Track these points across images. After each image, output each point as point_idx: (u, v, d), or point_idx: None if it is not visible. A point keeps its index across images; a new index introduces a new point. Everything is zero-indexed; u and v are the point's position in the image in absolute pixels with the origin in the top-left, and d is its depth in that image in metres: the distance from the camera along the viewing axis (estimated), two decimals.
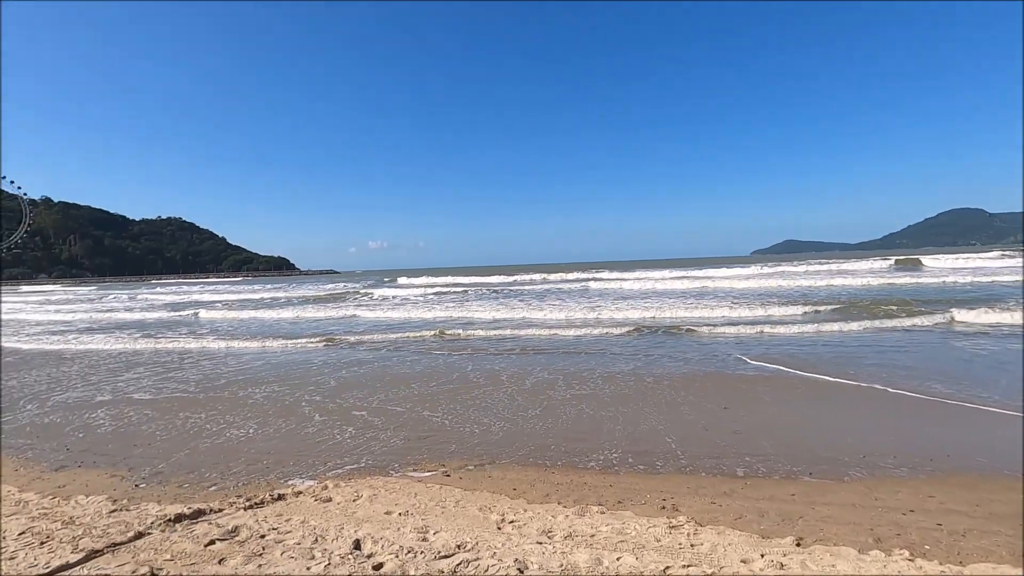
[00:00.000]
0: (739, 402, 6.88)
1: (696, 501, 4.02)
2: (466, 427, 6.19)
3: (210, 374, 9.90)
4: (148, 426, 6.58)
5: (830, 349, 10.21)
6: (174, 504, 4.08)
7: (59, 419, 6.98)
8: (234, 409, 7.26)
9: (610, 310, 17.41)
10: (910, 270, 32.10)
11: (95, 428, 6.54)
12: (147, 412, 7.25)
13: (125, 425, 6.66)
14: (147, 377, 9.77)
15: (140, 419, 6.92)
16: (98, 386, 9.05)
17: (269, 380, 9.16)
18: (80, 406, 7.68)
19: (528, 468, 4.88)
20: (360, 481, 4.57)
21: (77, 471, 5.02)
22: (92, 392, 8.59)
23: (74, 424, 6.73)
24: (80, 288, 71.86)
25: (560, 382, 8.30)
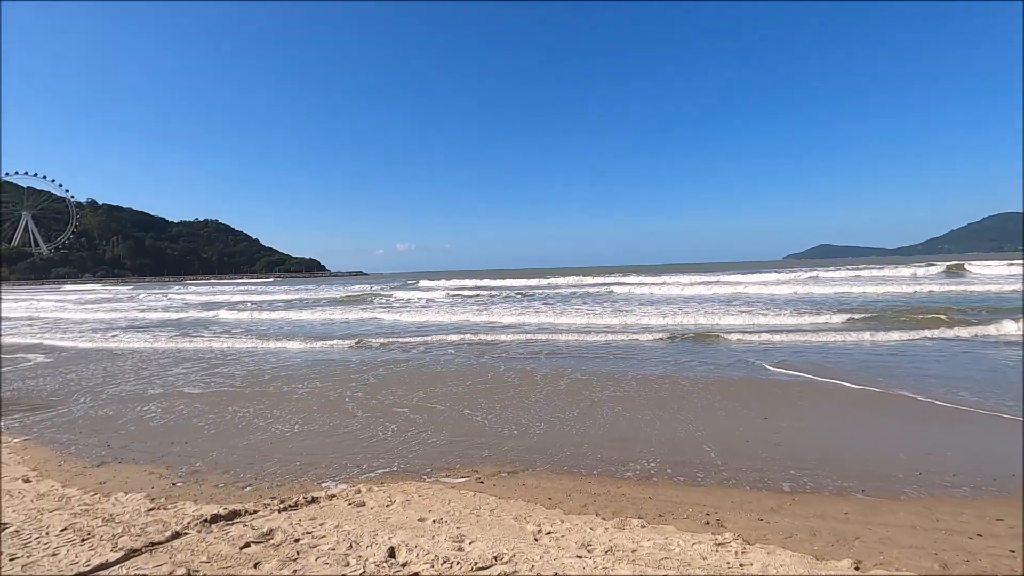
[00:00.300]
0: (778, 411, 6.62)
1: (742, 517, 3.83)
2: (503, 427, 6.14)
3: (253, 370, 10.06)
4: (198, 419, 6.82)
5: (870, 359, 9.79)
6: (210, 504, 4.09)
7: (109, 412, 7.16)
8: (280, 404, 7.44)
9: (637, 315, 17.12)
10: (954, 276, 30.80)
11: (144, 421, 6.69)
12: (196, 405, 7.55)
13: (175, 418, 6.82)
14: (194, 372, 10.00)
15: (190, 412, 7.18)
16: (149, 381, 9.30)
17: (310, 376, 9.29)
18: (132, 399, 7.90)
19: (563, 476, 4.75)
20: (393, 486, 4.52)
21: (118, 467, 5.11)
22: (143, 386, 8.82)
23: (126, 417, 6.90)
24: (120, 287, 74.51)
25: (594, 383, 8.15)
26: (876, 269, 38.86)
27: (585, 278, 44.19)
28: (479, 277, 58.86)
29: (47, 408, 7.60)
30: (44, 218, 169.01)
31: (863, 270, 38.03)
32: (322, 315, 22.64)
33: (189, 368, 10.72)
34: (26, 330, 19.27)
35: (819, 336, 12.14)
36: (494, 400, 7.52)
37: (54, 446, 5.84)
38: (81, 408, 7.58)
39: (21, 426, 6.68)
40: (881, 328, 12.76)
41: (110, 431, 6.39)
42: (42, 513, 3.87)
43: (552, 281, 43.23)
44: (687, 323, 15.40)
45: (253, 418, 6.85)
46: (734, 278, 34.21)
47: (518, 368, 9.82)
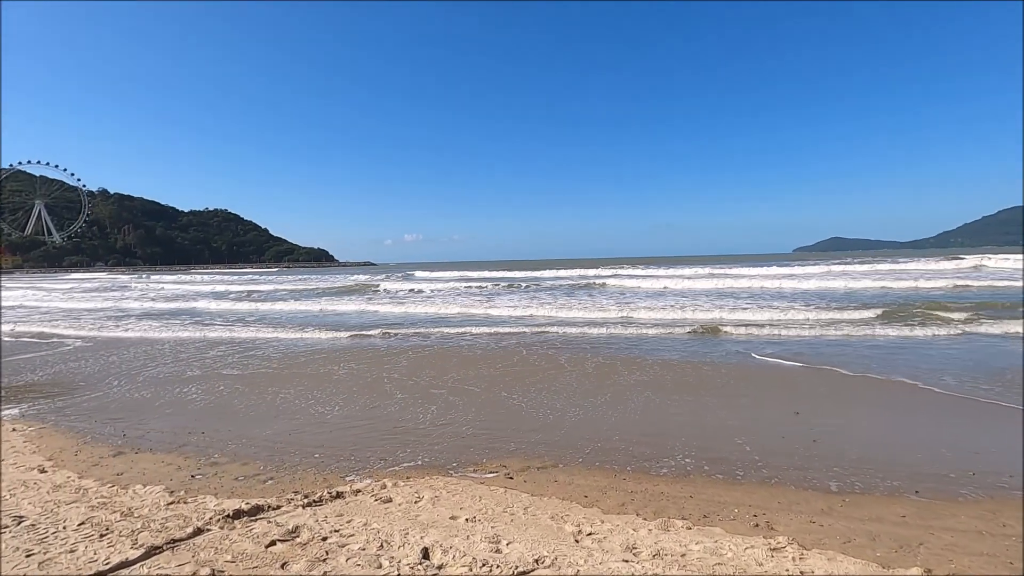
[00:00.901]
0: (806, 405, 6.40)
1: (792, 519, 3.61)
2: (525, 419, 5.92)
3: (270, 362, 9.93)
4: (238, 401, 6.59)
5: (895, 353, 9.50)
6: (231, 498, 3.93)
7: (136, 396, 7.05)
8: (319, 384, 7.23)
9: (643, 309, 16.67)
10: (972, 271, 30.14)
11: (157, 408, 6.56)
12: (232, 390, 7.30)
13: (190, 408, 6.67)
14: (230, 355, 9.88)
15: (230, 393, 6.96)
16: (182, 368, 9.19)
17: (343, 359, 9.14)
18: (170, 381, 7.76)
19: (595, 472, 4.55)
20: (419, 480, 4.33)
21: (135, 457, 4.97)
22: (173, 371, 8.71)
23: (142, 406, 6.77)
24: (122, 276, 74.79)
25: (619, 367, 7.92)
26: (899, 262, 38.14)
27: (596, 270, 43.64)
28: (485, 268, 58.34)
29: (63, 395, 7.50)
30: (57, 207, 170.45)
31: (883, 263, 37.29)
32: (341, 306, 22.52)
33: (222, 353, 10.61)
34: (33, 319, 19.30)
35: (842, 330, 11.84)
36: (509, 392, 7.32)
37: (71, 434, 5.71)
38: (96, 396, 7.47)
39: (37, 413, 6.58)
40: (909, 323, 12.42)
41: (130, 417, 6.27)
42: (59, 506, 3.72)
43: (561, 272, 42.63)
44: (695, 317, 15.10)
45: (291, 400, 6.71)
46: (748, 271, 33.71)
47: (542, 353, 9.62)
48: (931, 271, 30.00)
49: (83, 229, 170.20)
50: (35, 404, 7.03)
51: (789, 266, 39.21)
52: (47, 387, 8.10)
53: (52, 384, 8.30)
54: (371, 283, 35.80)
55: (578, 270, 45.25)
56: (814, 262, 46.04)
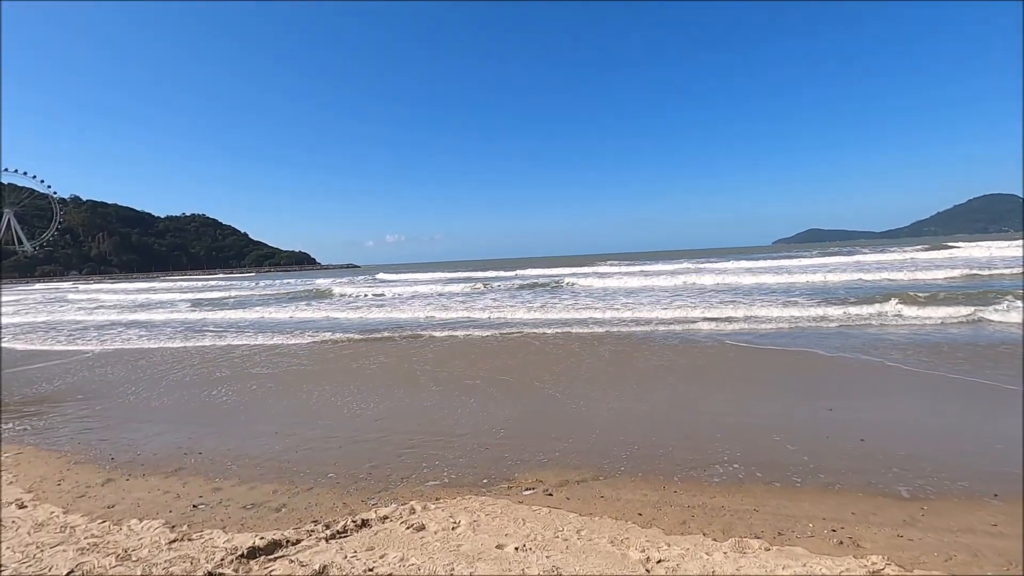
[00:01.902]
0: (836, 399, 6.15)
1: (875, 533, 3.26)
2: (551, 423, 5.51)
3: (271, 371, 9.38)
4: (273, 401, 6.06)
5: (911, 340, 9.31)
6: (243, 532, 3.46)
7: (112, 415, 6.49)
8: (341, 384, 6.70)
9: (628, 309, 16.31)
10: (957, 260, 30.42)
11: (146, 422, 6.02)
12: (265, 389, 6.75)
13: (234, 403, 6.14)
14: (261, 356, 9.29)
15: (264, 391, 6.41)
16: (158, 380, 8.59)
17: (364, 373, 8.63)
18: (153, 395, 7.19)
19: (641, 484, 4.16)
20: (451, 502, 3.91)
21: (126, 485, 4.46)
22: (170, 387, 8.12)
23: (131, 416, 6.22)
24: (103, 284, 72.74)
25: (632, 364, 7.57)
26: (884, 252, 38.46)
27: (574, 268, 42.85)
28: (472, 268, 57.56)
29: (36, 415, 6.91)
30: (27, 215, 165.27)
31: (868, 254, 37.64)
32: (321, 313, 21.88)
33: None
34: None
35: (843, 323, 11.66)
36: (513, 402, 6.92)
37: (52, 459, 5.16)
38: (75, 413, 6.89)
39: (12, 435, 5.99)
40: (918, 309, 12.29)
41: (116, 437, 5.72)
42: (42, 550, 3.22)
43: (547, 271, 41.76)
44: (692, 315, 14.85)
45: (290, 411, 6.21)
46: (735, 264, 33.72)
47: (552, 352, 9.23)
48: (922, 261, 30.26)
49: (55, 237, 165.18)
50: (7, 425, 6.44)
51: (776, 258, 39.35)
52: (19, 405, 7.48)
53: (24, 402, 7.68)
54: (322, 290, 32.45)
55: (549, 268, 44.66)
56: (797, 254, 46.29)
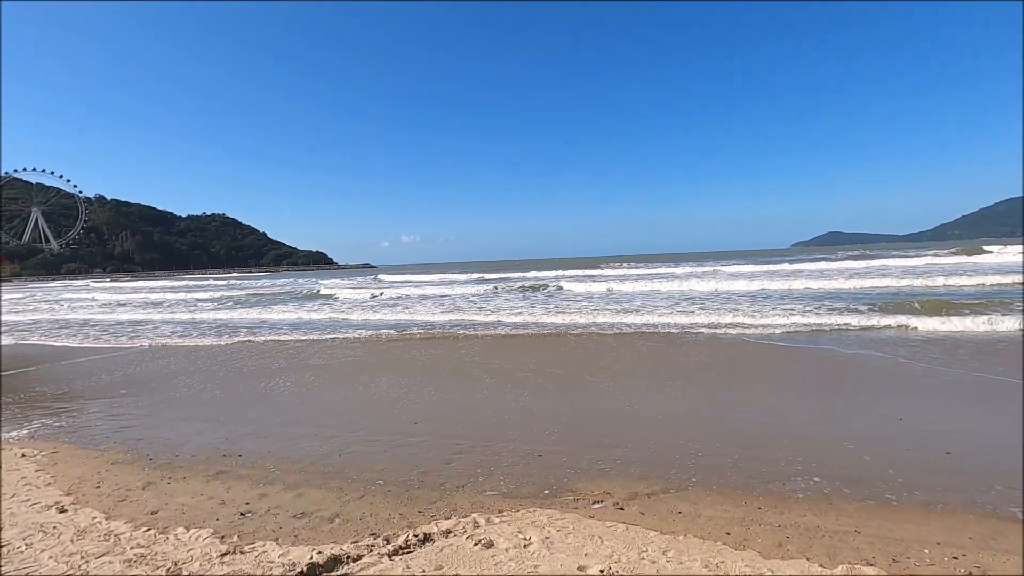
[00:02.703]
0: (898, 407, 5.77)
1: (1004, 563, 2.90)
2: (603, 420, 5.19)
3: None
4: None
5: (965, 346, 8.81)
6: (297, 545, 3.21)
7: (142, 413, 6.32)
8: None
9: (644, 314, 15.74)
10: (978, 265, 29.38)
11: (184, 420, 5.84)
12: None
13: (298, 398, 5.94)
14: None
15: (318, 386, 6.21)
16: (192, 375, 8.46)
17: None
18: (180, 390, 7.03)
19: (719, 498, 3.83)
20: (515, 515, 3.61)
21: (167, 488, 4.24)
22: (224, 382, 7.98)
23: (176, 412, 6.05)
24: (136, 283, 73.92)
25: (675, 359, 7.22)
26: (912, 256, 37.32)
27: (583, 270, 42.13)
28: (485, 269, 56.91)
29: (71, 411, 6.78)
30: (54, 214, 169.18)
31: (897, 258, 36.53)
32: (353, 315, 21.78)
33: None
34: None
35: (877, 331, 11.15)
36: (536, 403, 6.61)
37: (88, 459, 4.98)
38: (108, 407, 6.75)
39: (47, 432, 5.85)
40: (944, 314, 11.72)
41: (151, 436, 5.54)
42: (87, 560, 3.00)
43: (557, 272, 40.94)
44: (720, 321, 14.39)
45: (323, 411, 5.97)
46: (764, 267, 32.98)
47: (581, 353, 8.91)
48: (950, 266, 29.24)
49: (81, 236, 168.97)
50: (42, 421, 6.31)
51: (798, 262, 38.41)
52: (53, 401, 7.37)
53: (58, 398, 7.57)
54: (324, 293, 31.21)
55: (574, 271, 44.21)
56: (815, 258, 45.21)
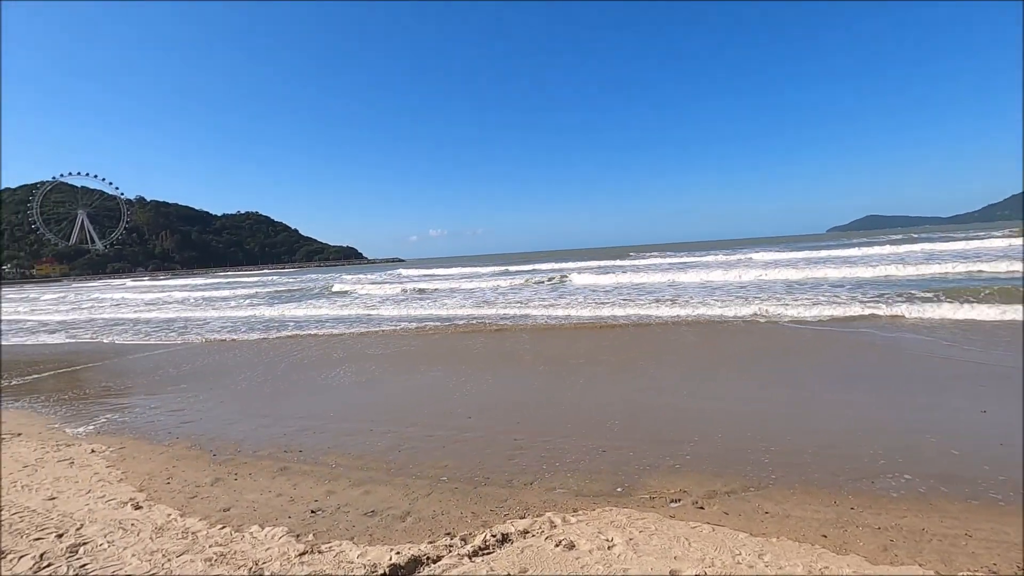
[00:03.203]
0: (977, 398, 5.37)
1: None
2: (657, 412, 5.01)
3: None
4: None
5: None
6: (374, 544, 3.14)
7: (199, 407, 6.43)
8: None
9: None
10: None
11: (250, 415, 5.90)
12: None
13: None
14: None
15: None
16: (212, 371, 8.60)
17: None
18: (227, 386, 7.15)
19: (803, 495, 3.62)
20: (590, 514, 3.48)
21: (235, 484, 4.25)
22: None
23: (229, 406, 6.13)
24: (174, 280, 76.46)
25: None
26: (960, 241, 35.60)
27: (618, 260, 41.85)
28: (515, 261, 56.74)
29: (130, 407, 6.94)
30: (98, 216, 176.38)
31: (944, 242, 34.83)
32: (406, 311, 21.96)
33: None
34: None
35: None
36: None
37: (155, 455, 5.05)
38: (164, 406, 6.88)
39: (111, 428, 5.98)
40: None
41: (212, 431, 5.61)
42: (169, 559, 2.99)
43: (588, 263, 40.66)
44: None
45: (373, 405, 5.96)
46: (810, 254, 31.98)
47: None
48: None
49: (123, 236, 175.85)
50: (107, 417, 6.46)
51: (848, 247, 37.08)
52: (117, 396, 7.56)
53: (120, 393, 7.77)
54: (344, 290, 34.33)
55: (611, 260, 43.83)
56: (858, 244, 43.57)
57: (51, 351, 13.22)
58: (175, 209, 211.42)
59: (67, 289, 58.15)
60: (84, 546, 3.17)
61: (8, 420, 6.58)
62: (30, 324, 20.63)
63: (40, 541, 3.25)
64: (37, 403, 7.43)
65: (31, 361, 11.51)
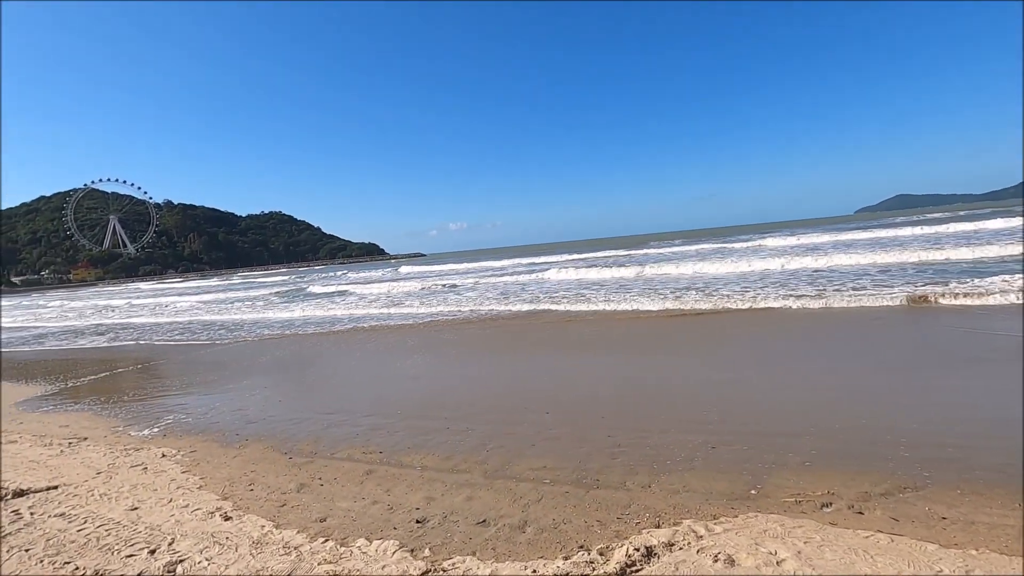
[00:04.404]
0: None
1: None
2: (744, 399, 4.56)
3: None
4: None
5: None
6: (503, 562, 2.78)
7: (258, 402, 6.19)
8: None
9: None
10: None
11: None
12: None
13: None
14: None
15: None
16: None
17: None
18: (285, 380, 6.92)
19: (974, 496, 3.14)
20: (734, 521, 3.06)
21: (321, 491, 3.94)
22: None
23: (292, 401, 5.88)
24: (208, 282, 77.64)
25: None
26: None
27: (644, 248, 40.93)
28: (535, 253, 56.04)
29: (191, 406, 6.74)
30: (129, 220, 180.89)
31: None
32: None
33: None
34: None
35: None
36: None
37: (229, 458, 4.80)
38: (223, 402, 6.67)
39: (175, 430, 5.77)
40: None
41: (282, 430, 5.34)
42: None
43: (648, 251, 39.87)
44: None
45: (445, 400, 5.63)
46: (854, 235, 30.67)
47: None
48: None
49: (153, 239, 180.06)
50: (173, 416, 6.27)
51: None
52: (176, 397, 7.40)
53: (178, 393, 7.61)
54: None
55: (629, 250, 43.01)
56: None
57: (105, 353, 13.28)
58: (201, 211, 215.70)
59: (133, 293, 57.98)
60: (181, 563, 2.89)
61: (71, 423, 6.45)
62: (57, 329, 21.00)
63: (133, 558, 2.98)
64: (96, 405, 7.30)
65: (79, 362, 11.54)
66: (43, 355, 13.67)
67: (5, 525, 3.50)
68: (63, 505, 3.83)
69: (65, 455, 5.13)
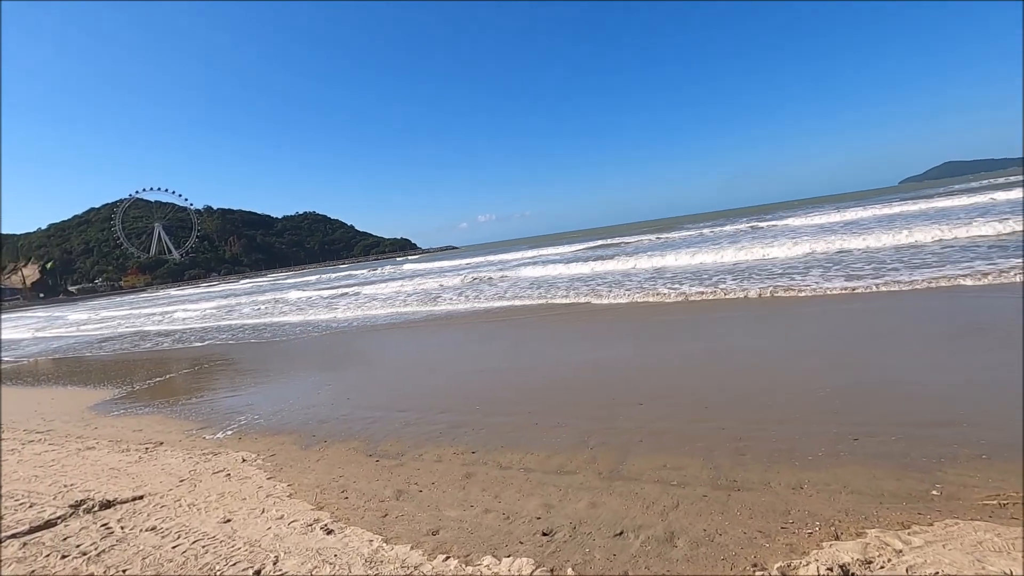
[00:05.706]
0: None
1: None
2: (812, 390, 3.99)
3: None
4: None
5: None
6: None
7: (324, 402, 5.94)
8: None
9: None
10: None
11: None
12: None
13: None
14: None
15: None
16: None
17: None
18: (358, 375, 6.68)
19: None
20: (933, 529, 2.55)
21: (421, 498, 3.60)
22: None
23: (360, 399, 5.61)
24: (245, 282, 79.86)
25: None
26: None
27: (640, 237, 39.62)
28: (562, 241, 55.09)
29: (256, 407, 6.56)
30: (172, 227, 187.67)
31: None
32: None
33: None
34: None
35: None
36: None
37: (311, 462, 4.53)
38: (295, 403, 6.45)
39: (249, 431, 5.57)
40: None
41: (356, 431, 5.06)
42: None
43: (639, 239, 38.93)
44: None
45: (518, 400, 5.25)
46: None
47: None
48: None
49: (196, 244, 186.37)
50: (245, 417, 6.09)
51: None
52: (244, 396, 7.25)
53: (245, 393, 7.47)
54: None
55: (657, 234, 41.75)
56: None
57: (191, 352, 13.47)
58: (240, 215, 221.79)
59: (151, 302, 60.68)
60: None
61: (144, 427, 6.35)
62: (115, 335, 21.56)
63: None
64: (165, 407, 7.22)
65: (136, 361, 11.66)
66: (104, 358, 13.96)
67: (97, 540, 3.28)
68: (152, 517, 3.60)
69: (144, 461, 4.97)
